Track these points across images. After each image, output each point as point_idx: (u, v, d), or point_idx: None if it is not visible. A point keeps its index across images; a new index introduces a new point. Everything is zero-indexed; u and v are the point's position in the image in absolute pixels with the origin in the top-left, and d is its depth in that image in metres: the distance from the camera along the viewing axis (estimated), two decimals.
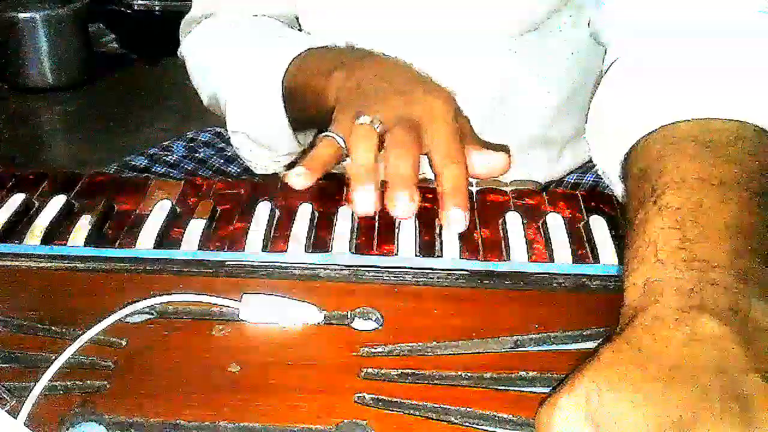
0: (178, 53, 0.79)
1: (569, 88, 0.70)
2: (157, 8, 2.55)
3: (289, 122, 0.67)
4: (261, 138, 0.70)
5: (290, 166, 0.61)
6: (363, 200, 0.50)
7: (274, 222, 0.55)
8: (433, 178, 0.60)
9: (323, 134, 0.57)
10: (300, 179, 0.54)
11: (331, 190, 0.59)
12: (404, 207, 0.49)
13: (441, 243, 0.53)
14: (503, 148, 0.57)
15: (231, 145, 0.73)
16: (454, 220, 0.50)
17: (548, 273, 0.50)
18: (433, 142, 0.53)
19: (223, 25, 0.75)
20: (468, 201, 0.51)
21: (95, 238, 0.54)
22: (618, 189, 0.51)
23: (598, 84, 0.54)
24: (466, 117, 0.58)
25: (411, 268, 0.50)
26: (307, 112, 0.62)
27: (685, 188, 0.42)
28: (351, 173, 0.51)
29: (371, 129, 0.52)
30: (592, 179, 0.75)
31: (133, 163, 0.79)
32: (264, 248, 0.52)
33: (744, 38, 0.49)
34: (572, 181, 0.76)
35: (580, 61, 0.69)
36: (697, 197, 0.41)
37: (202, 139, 0.86)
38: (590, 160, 0.75)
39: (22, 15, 2.43)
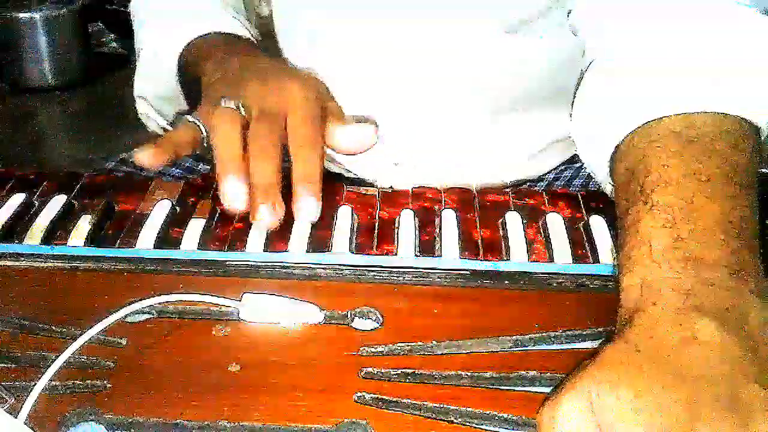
0: (130, 8, 0.79)
1: (551, 88, 0.70)
2: None
3: (186, 99, 0.68)
4: (161, 108, 0.71)
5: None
6: (232, 193, 0.49)
7: None
8: (431, 184, 0.61)
9: (183, 117, 0.56)
10: (145, 157, 0.53)
11: (331, 190, 0.59)
12: (266, 220, 0.48)
13: (441, 243, 0.53)
14: (368, 120, 0.56)
15: None
16: (304, 209, 0.49)
17: (548, 273, 0.50)
18: (289, 129, 0.52)
19: None
20: (320, 190, 0.50)
21: (95, 238, 0.54)
22: (606, 187, 0.51)
23: (578, 85, 0.54)
24: (333, 101, 0.57)
25: (411, 268, 0.50)
26: (193, 90, 0.62)
27: (674, 186, 0.42)
28: (217, 160, 0.50)
29: (235, 112, 0.52)
30: (571, 174, 0.75)
31: (131, 160, 0.79)
32: (264, 248, 0.52)
33: (720, 30, 0.49)
34: (551, 177, 0.76)
35: (559, 63, 0.68)
36: (687, 194, 0.41)
37: None
38: (571, 159, 0.76)
39: (22, 15, 2.43)
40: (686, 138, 0.44)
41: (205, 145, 0.54)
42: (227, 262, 0.51)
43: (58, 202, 0.57)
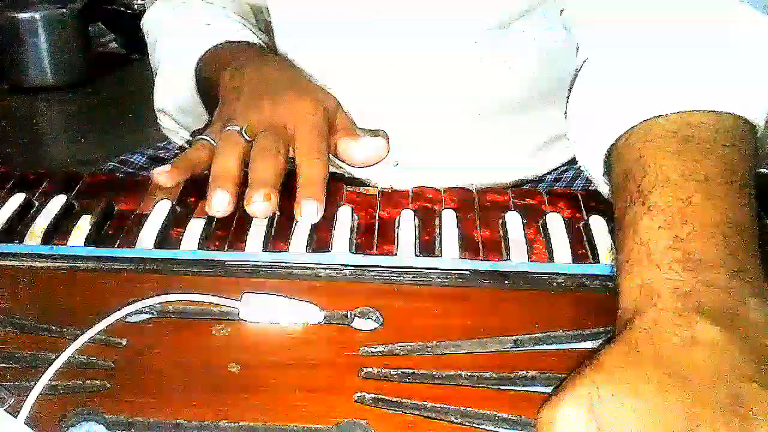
0: (141, 25, 0.80)
1: (548, 86, 0.69)
2: None
3: (205, 108, 0.70)
4: (182, 120, 0.73)
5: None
6: (217, 201, 0.52)
7: (274, 222, 0.55)
8: (431, 184, 0.61)
9: (198, 137, 0.59)
10: (163, 177, 0.57)
11: (331, 190, 0.59)
12: (258, 206, 0.51)
13: (441, 243, 0.53)
14: (379, 133, 0.59)
15: None
16: (305, 210, 0.52)
17: (548, 273, 0.50)
18: (295, 142, 0.56)
19: (173, 3, 0.77)
20: (323, 194, 0.53)
21: (95, 238, 0.54)
22: (603, 187, 0.51)
23: (573, 84, 0.54)
24: (343, 114, 0.60)
25: (411, 268, 0.50)
26: (212, 101, 0.65)
27: (671, 186, 0.42)
28: (211, 175, 0.54)
29: (237, 136, 0.55)
30: (572, 174, 0.75)
31: (131, 160, 0.79)
32: (264, 248, 0.52)
33: (716, 27, 0.48)
34: (552, 177, 0.76)
35: (551, 61, 0.67)
36: (685, 195, 0.41)
37: None
38: (571, 160, 0.76)
39: (22, 15, 2.43)
40: (683, 137, 0.44)
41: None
42: (227, 262, 0.51)
43: (58, 202, 0.57)
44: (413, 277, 0.49)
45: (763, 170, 0.46)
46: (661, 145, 0.44)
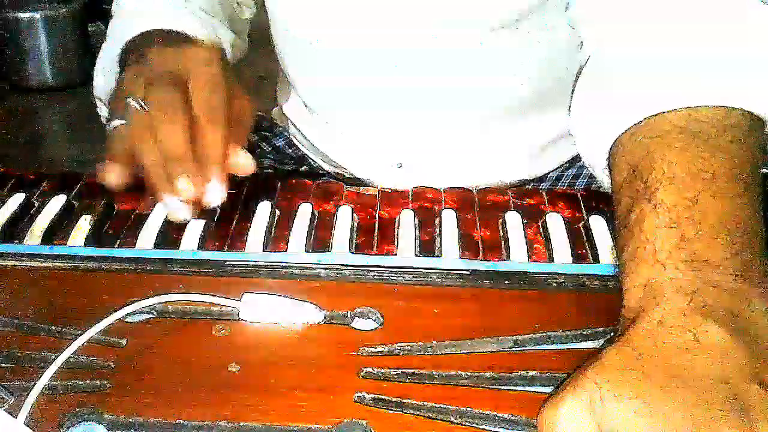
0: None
1: (542, 88, 0.69)
2: None
3: None
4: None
5: None
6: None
7: (274, 222, 0.55)
8: (429, 184, 0.60)
9: (112, 125, 0.52)
10: (113, 177, 0.51)
11: (331, 190, 0.59)
12: (190, 192, 0.48)
13: (441, 243, 0.53)
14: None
15: None
16: (208, 194, 0.49)
17: (548, 273, 0.50)
18: (194, 96, 0.50)
19: None
20: (223, 169, 0.48)
21: (95, 238, 0.54)
22: (605, 182, 0.51)
23: (578, 77, 0.54)
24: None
25: (411, 268, 0.50)
26: None
27: (678, 184, 0.41)
28: (145, 174, 0.50)
29: (142, 113, 0.50)
30: (574, 172, 0.75)
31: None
32: (264, 248, 0.52)
33: (724, 21, 0.48)
34: (554, 175, 0.76)
35: (554, 62, 0.67)
36: (691, 193, 0.41)
37: None
38: (573, 158, 0.76)
39: (22, 15, 2.43)
40: (691, 133, 0.43)
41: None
42: (227, 262, 0.51)
43: (58, 202, 0.57)
44: (413, 277, 0.49)
45: (766, 170, 0.46)
46: (669, 140, 0.44)
